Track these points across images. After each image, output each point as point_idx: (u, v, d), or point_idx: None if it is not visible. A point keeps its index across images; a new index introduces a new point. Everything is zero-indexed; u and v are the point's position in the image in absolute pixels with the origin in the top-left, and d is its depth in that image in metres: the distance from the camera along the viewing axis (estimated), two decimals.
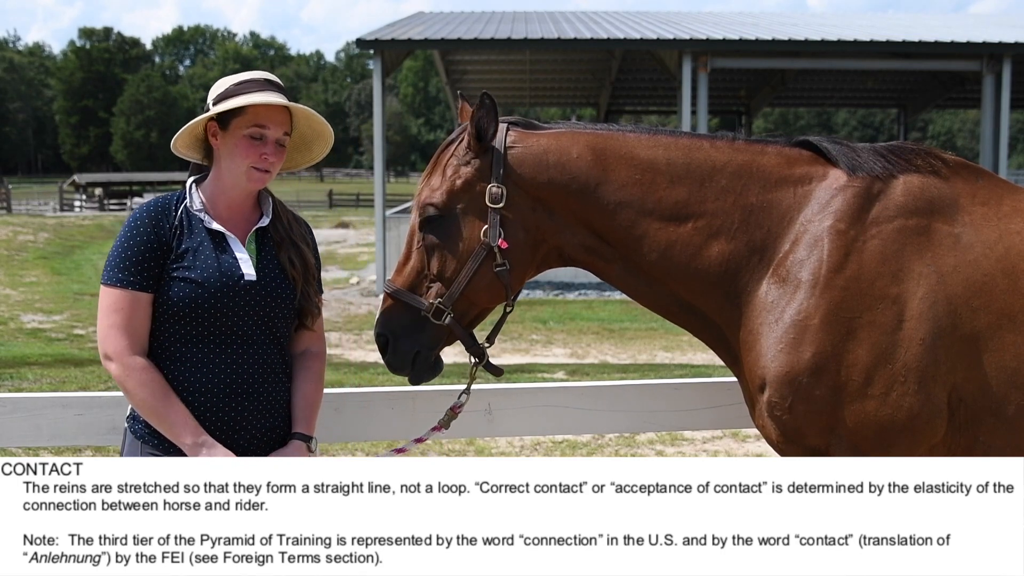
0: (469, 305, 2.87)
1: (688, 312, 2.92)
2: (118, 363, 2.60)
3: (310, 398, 2.80)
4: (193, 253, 2.65)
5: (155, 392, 2.59)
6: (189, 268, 2.63)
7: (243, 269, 2.67)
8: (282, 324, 2.75)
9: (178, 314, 2.63)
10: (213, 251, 2.67)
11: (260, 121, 2.67)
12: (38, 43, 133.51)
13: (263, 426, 2.71)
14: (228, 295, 2.64)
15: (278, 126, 2.70)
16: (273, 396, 2.72)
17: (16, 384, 9.88)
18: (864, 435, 2.64)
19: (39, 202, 54.51)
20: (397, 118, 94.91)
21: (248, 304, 2.67)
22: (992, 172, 3.01)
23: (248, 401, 2.67)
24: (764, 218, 2.81)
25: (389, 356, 2.91)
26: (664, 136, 2.91)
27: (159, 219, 2.67)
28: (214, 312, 2.63)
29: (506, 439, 7.50)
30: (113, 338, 2.61)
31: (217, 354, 2.65)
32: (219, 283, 2.63)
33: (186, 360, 2.64)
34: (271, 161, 2.69)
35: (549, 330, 15.53)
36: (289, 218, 2.84)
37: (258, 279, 2.69)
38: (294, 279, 2.75)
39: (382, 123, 20.69)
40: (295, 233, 2.82)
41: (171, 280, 2.63)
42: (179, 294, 2.62)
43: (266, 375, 2.70)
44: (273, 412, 2.72)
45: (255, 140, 2.67)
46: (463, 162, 2.86)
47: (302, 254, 2.79)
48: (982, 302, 2.66)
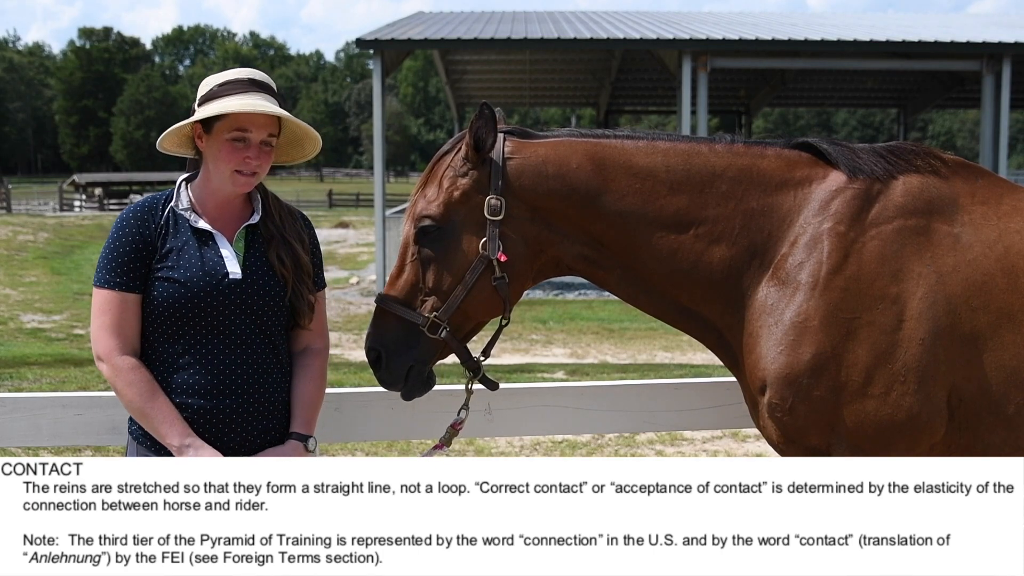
0: (466, 319, 2.84)
1: (688, 317, 2.91)
2: (107, 363, 2.61)
3: (308, 397, 2.77)
4: (177, 253, 2.64)
5: (142, 392, 2.58)
6: (172, 268, 2.63)
7: (228, 267, 2.65)
8: (272, 323, 2.71)
9: (164, 314, 2.62)
10: (198, 250, 2.65)
11: (242, 124, 2.63)
12: (38, 43, 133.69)
13: (256, 427, 2.68)
14: (212, 294, 2.62)
15: (261, 128, 2.66)
16: (265, 396, 2.69)
17: (16, 384, 9.87)
18: (864, 435, 2.64)
19: (39, 202, 54.50)
20: (397, 118, 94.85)
21: (234, 303, 2.65)
22: (991, 171, 3.00)
23: (237, 401, 2.65)
24: (765, 222, 2.80)
25: (382, 372, 2.85)
26: (662, 142, 2.89)
27: (144, 219, 2.67)
28: (198, 311, 2.62)
29: (506, 439, 7.50)
30: (103, 339, 2.62)
31: (204, 354, 2.63)
32: (202, 282, 2.62)
33: (174, 360, 2.64)
34: (254, 164, 2.65)
35: (549, 330, 15.53)
36: (282, 214, 2.80)
37: (244, 277, 2.66)
38: (283, 277, 2.71)
39: (382, 123, 20.66)
40: (288, 230, 2.77)
41: (155, 280, 2.63)
42: (163, 294, 2.61)
43: (257, 375, 2.68)
44: (266, 413, 2.70)
45: (238, 143, 2.64)
46: (460, 173, 2.81)
47: (293, 251, 2.75)
48: (981, 301, 2.66)
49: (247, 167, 2.65)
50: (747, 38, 20.69)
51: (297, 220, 2.86)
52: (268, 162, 2.71)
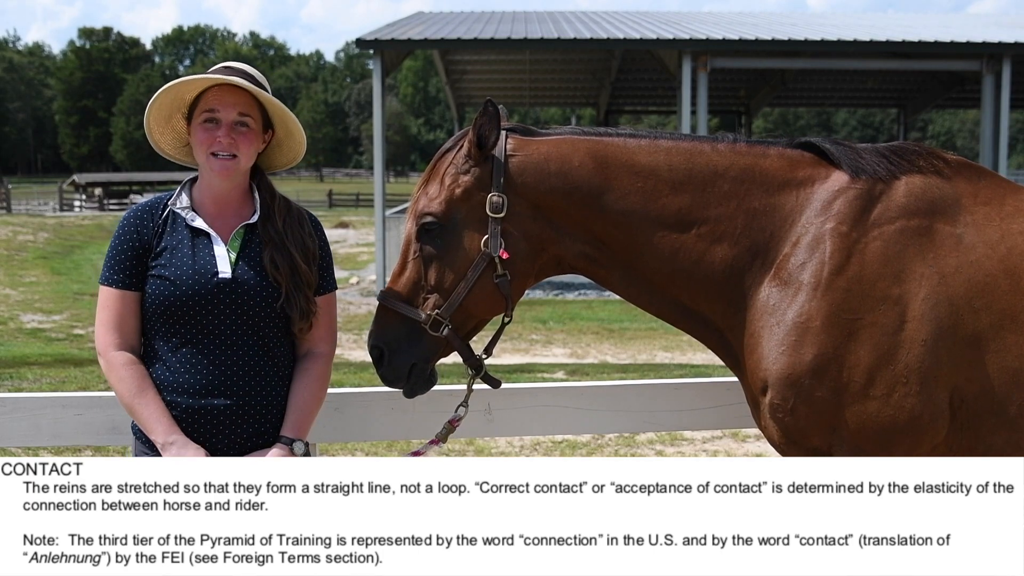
0: (467, 316, 2.84)
1: (689, 317, 2.90)
2: (103, 358, 2.66)
3: (301, 401, 2.74)
4: (170, 251, 2.66)
5: (130, 387, 2.61)
6: (164, 266, 2.64)
7: (218, 267, 2.65)
8: (266, 325, 2.69)
9: (156, 312, 2.64)
10: (190, 249, 2.66)
11: (209, 106, 2.65)
12: (38, 43, 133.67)
13: (247, 428, 2.67)
14: (200, 293, 2.62)
15: (230, 108, 2.65)
16: (257, 398, 2.67)
17: (16, 384, 9.87)
18: (866, 436, 2.63)
19: (39, 202, 54.50)
20: (397, 118, 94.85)
21: (223, 302, 2.64)
22: (994, 172, 2.99)
23: (226, 402, 2.64)
24: (767, 222, 2.79)
25: (384, 369, 2.84)
26: (665, 141, 2.88)
27: (143, 219, 2.70)
28: (187, 310, 2.62)
29: (506, 439, 7.50)
30: (101, 334, 2.67)
31: (194, 353, 2.63)
32: (191, 280, 2.62)
33: (166, 358, 2.65)
34: (225, 143, 2.64)
35: (549, 330, 15.53)
36: (287, 219, 2.78)
37: (234, 277, 2.65)
38: (276, 282, 2.69)
39: (382, 123, 20.66)
40: (290, 237, 2.75)
41: (149, 278, 2.66)
42: (154, 292, 2.64)
43: (248, 376, 2.66)
44: (257, 414, 2.67)
45: (208, 124, 2.65)
46: (462, 171, 2.81)
47: (291, 258, 2.72)
48: (984, 302, 2.66)
49: (219, 147, 2.64)
50: (747, 38, 20.69)
51: (306, 224, 2.83)
52: (247, 146, 2.68)
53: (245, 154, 2.68)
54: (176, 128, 2.79)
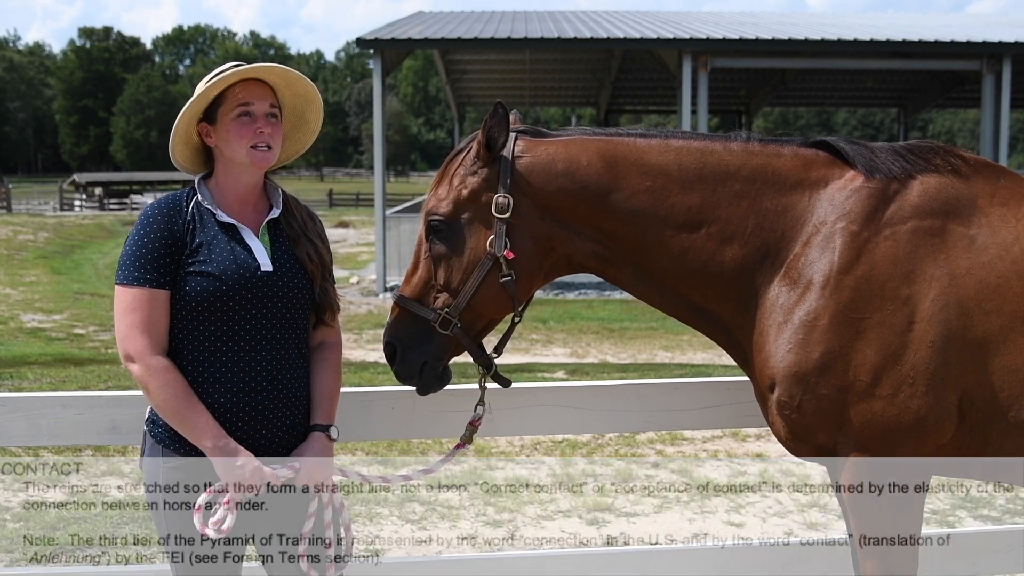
0: (476, 316, 2.86)
1: (700, 316, 2.90)
2: (140, 363, 2.56)
3: (328, 388, 2.78)
4: (208, 247, 2.63)
5: (177, 394, 2.54)
6: (205, 262, 2.61)
7: (259, 260, 2.66)
8: (300, 317, 2.73)
9: (196, 309, 2.60)
10: (228, 243, 2.64)
11: (242, 100, 2.65)
12: (38, 42, 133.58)
13: (285, 422, 2.68)
14: (246, 286, 2.61)
15: (261, 100, 2.67)
16: (294, 391, 2.70)
17: (16, 384, 9.87)
18: (870, 435, 2.63)
19: (39, 201, 54.48)
20: (397, 117, 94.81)
21: (266, 296, 2.64)
22: (1015, 172, 2.93)
23: (269, 397, 2.64)
24: (778, 222, 2.78)
25: (397, 366, 2.89)
26: (676, 140, 2.88)
27: (171, 215, 2.64)
28: (232, 304, 2.60)
29: (506, 439, 7.50)
30: (134, 338, 2.56)
31: (235, 350, 2.62)
32: (236, 274, 2.61)
33: (205, 357, 2.61)
34: (267, 134, 2.66)
35: (549, 330, 15.53)
36: (303, 214, 2.82)
37: (274, 270, 2.67)
38: (312, 274, 2.73)
39: (382, 123, 20.67)
40: (311, 231, 2.80)
41: (187, 275, 2.60)
42: (196, 288, 2.59)
43: (286, 370, 2.68)
44: (294, 407, 2.70)
45: (244, 118, 2.65)
46: (470, 172, 2.84)
47: (319, 250, 2.78)
48: (995, 305, 2.63)
49: (260, 139, 2.65)
50: (747, 38, 20.70)
51: (316, 219, 2.88)
52: (279, 135, 2.72)
53: (277, 144, 2.72)
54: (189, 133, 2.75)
